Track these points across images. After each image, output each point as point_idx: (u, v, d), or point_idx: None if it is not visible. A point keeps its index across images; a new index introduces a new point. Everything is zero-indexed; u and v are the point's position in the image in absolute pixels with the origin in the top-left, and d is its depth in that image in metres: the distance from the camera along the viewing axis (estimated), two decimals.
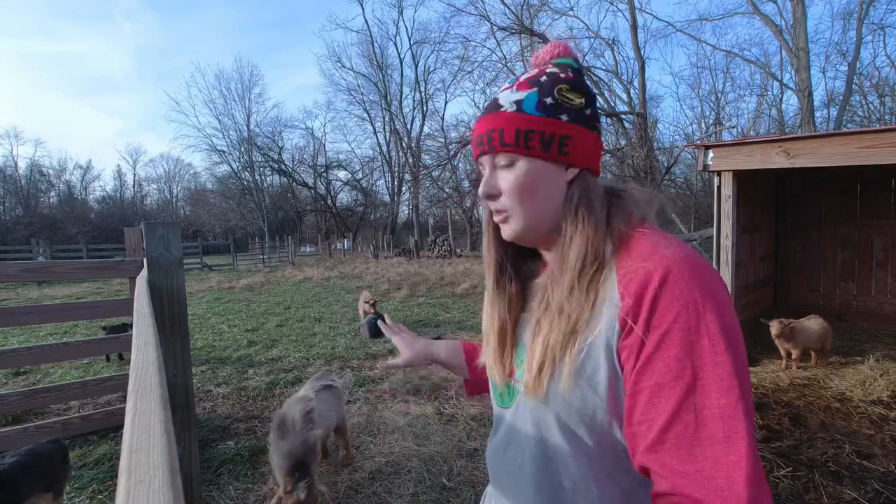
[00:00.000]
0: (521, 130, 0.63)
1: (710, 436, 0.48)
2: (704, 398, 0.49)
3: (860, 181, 5.62)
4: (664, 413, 0.50)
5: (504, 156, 0.65)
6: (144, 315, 1.24)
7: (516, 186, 0.65)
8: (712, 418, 0.48)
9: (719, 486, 0.46)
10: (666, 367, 0.51)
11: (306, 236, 42.53)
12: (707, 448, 0.48)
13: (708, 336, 0.50)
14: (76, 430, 3.03)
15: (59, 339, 6.15)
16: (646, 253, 0.56)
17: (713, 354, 0.49)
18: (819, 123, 18.62)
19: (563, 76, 0.65)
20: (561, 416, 0.61)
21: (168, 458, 0.42)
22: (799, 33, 12.64)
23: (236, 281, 13.28)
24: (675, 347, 0.51)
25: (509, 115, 0.64)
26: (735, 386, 0.49)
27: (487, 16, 18.13)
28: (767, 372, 4.01)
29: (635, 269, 0.55)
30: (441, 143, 28.82)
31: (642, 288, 0.53)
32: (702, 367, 0.49)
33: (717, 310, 0.51)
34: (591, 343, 0.57)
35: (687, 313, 0.51)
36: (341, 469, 2.65)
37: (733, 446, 0.47)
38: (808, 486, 2.34)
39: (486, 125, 0.66)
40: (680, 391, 0.50)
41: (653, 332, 0.52)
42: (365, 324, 5.95)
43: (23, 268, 2.58)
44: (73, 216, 37.66)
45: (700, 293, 0.51)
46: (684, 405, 0.49)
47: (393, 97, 35.13)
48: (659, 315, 0.52)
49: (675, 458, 0.49)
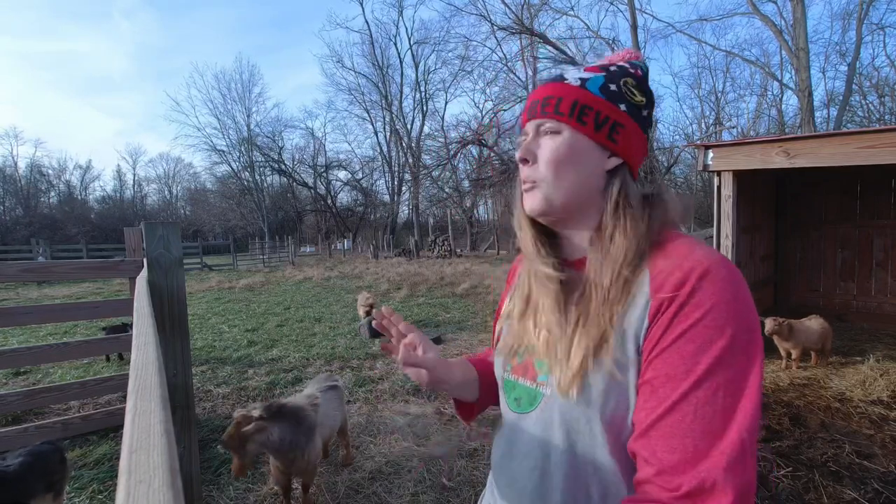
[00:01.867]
0: (578, 103, 0.63)
1: (707, 431, 0.48)
2: (709, 394, 0.49)
3: (860, 181, 5.62)
4: (665, 401, 0.51)
5: (553, 122, 0.64)
6: (144, 315, 1.24)
7: (556, 155, 0.64)
8: (713, 415, 0.48)
9: (699, 479, 0.46)
10: (680, 360, 0.51)
11: (306, 236, 42.52)
12: (700, 441, 0.48)
13: (729, 337, 0.50)
14: (76, 430, 3.03)
15: (59, 339, 6.15)
16: (683, 254, 0.56)
17: (731, 355, 0.49)
18: (819, 123, 18.62)
19: (632, 72, 0.66)
20: (595, 417, 0.58)
21: (168, 458, 0.42)
22: (799, 33, 12.64)
23: (236, 281, 13.28)
24: (695, 342, 0.51)
25: (572, 87, 0.64)
26: (744, 389, 0.49)
27: (488, 15, 18.15)
28: (767, 372, 4.01)
29: (672, 268, 0.55)
30: (441, 143, 28.83)
31: (680, 283, 0.53)
32: (715, 365, 0.49)
33: (744, 314, 0.51)
34: (624, 341, 0.56)
35: (716, 311, 0.51)
36: (341, 469, 2.65)
37: (727, 445, 0.47)
38: (808, 486, 2.34)
39: (544, 92, 0.66)
40: (687, 384, 0.50)
41: (676, 326, 0.52)
42: (365, 324, 5.95)
43: (23, 268, 2.58)
44: (73, 216, 37.66)
45: (733, 295, 0.52)
46: (687, 397, 0.49)
47: (393, 97, 35.15)
48: (688, 310, 0.52)
49: (665, 447, 0.50)
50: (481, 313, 7.35)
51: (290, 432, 2.04)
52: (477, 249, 26.82)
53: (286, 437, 2.02)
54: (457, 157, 24.28)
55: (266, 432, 1.96)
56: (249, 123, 38.13)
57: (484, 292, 9.31)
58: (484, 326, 6.37)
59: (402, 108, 35.27)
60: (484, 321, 6.72)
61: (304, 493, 2.26)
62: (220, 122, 37.99)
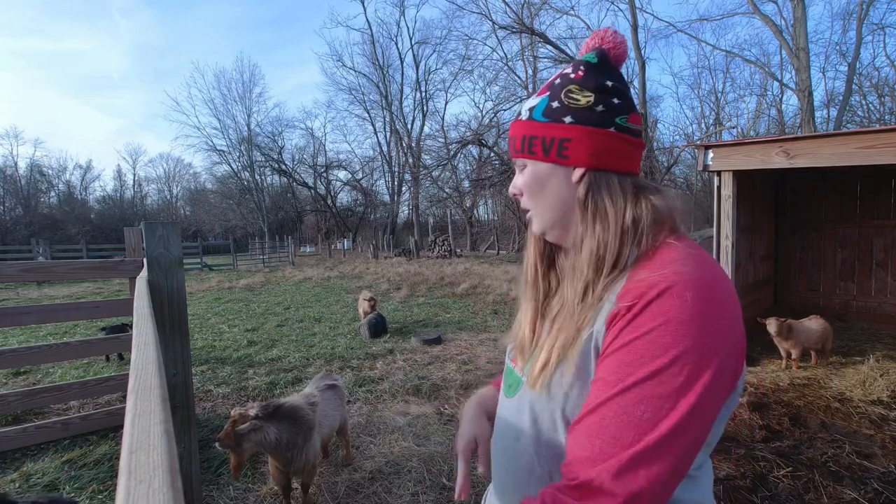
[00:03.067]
0: (526, 137, 0.69)
1: (616, 437, 0.49)
2: (630, 404, 0.50)
3: (860, 181, 5.62)
4: (593, 402, 0.53)
5: (519, 159, 0.72)
6: (144, 315, 1.24)
7: (526, 188, 0.71)
8: (626, 424, 0.49)
9: (590, 477, 0.49)
10: (617, 367, 0.52)
11: (306, 236, 42.51)
12: (606, 444, 0.50)
13: (672, 356, 0.49)
14: (76, 430, 3.03)
15: (59, 339, 6.15)
16: (662, 265, 0.55)
17: (667, 375, 0.49)
18: (819, 123, 18.62)
19: (573, 76, 0.67)
20: (557, 411, 0.62)
21: (168, 458, 0.42)
22: (799, 33, 12.65)
23: (236, 281, 13.28)
24: (634, 354, 0.51)
25: (522, 123, 0.71)
26: (670, 410, 0.48)
27: (489, 14, 18.16)
28: (767, 372, 4.01)
29: (643, 279, 0.55)
30: (441, 143, 28.82)
31: (638, 297, 0.53)
32: (647, 379, 0.49)
33: (700, 336, 0.49)
34: (586, 343, 0.59)
35: (666, 328, 0.50)
36: (341, 469, 2.65)
37: (629, 455, 0.48)
38: (808, 486, 2.34)
39: (510, 132, 0.74)
40: (615, 390, 0.51)
41: (624, 335, 0.53)
42: (365, 324, 5.95)
43: (23, 268, 2.58)
44: (73, 216, 37.66)
45: (691, 315, 0.50)
46: (609, 402, 0.51)
47: (393, 97, 35.13)
48: (639, 322, 0.52)
49: (578, 442, 0.53)
50: (481, 313, 7.35)
51: (287, 432, 2.04)
52: (477, 249, 26.81)
53: (283, 437, 2.02)
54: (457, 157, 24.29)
55: (262, 432, 1.97)
56: (250, 123, 38.17)
57: (484, 292, 9.31)
58: (484, 326, 6.37)
59: (402, 108, 35.28)
60: (484, 321, 6.72)
61: (304, 493, 2.26)
62: (221, 122, 38.03)
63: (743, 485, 2.35)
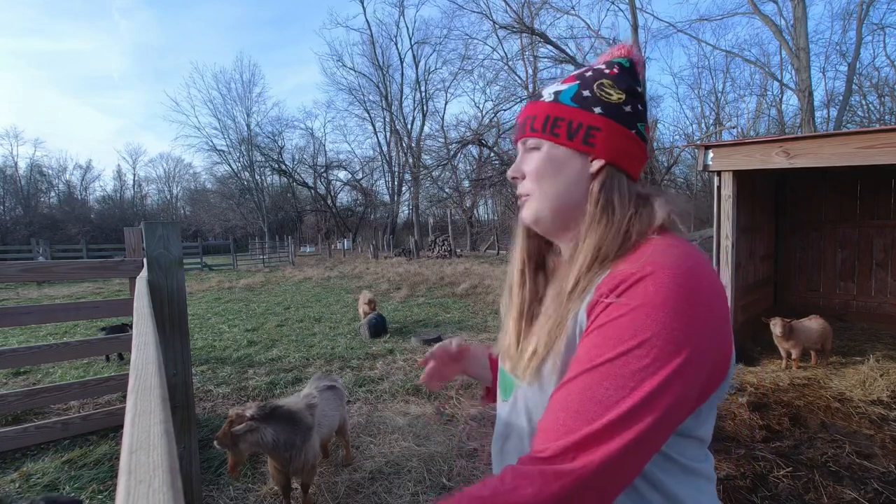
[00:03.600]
0: (550, 117, 0.67)
1: (579, 412, 0.51)
2: (595, 381, 0.51)
3: (860, 181, 5.62)
4: (563, 380, 0.55)
5: (533, 140, 0.69)
6: (144, 315, 1.24)
7: (537, 169, 0.68)
8: (590, 399, 0.51)
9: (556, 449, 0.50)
10: (590, 347, 0.54)
11: (306, 236, 42.51)
12: (570, 419, 0.51)
13: (641, 340, 0.50)
14: (76, 430, 3.03)
15: (59, 339, 6.15)
16: (642, 257, 0.56)
17: (635, 357, 0.50)
18: (819, 123, 18.62)
19: (607, 72, 0.68)
20: (537, 402, 0.63)
21: (168, 458, 0.42)
22: (799, 33, 12.65)
23: (236, 281, 13.28)
24: (605, 335, 0.53)
25: (545, 104, 0.69)
26: (634, 390, 0.49)
27: (489, 13, 18.16)
28: (767, 372, 4.01)
29: (623, 269, 0.56)
30: (441, 143, 28.82)
31: (616, 285, 0.55)
32: (614, 359, 0.51)
33: (672, 322, 0.50)
34: (571, 333, 0.60)
35: (638, 313, 0.51)
36: (341, 469, 2.65)
37: (592, 429, 0.49)
38: (808, 486, 2.34)
39: (524, 113, 0.72)
40: (583, 367, 0.53)
41: (599, 319, 0.55)
42: (365, 324, 5.95)
43: (23, 268, 2.58)
44: (73, 216, 37.66)
45: (663, 301, 0.51)
46: (577, 379, 0.53)
47: (393, 97, 35.10)
48: (614, 307, 0.54)
49: (548, 416, 0.55)
50: (481, 313, 7.35)
51: (284, 433, 2.05)
52: (477, 249, 26.80)
53: (280, 438, 2.02)
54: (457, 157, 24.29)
55: (258, 433, 1.97)
56: (249, 123, 38.15)
57: (484, 292, 9.31)
58: (484, 326, 6.37)
59: (402, 108, 35.26)
60: (484, 321, 6.72)
61: (304, 493, 2.26)
62: (220, 122, 38.01)
63: (743, 485, 2.35)
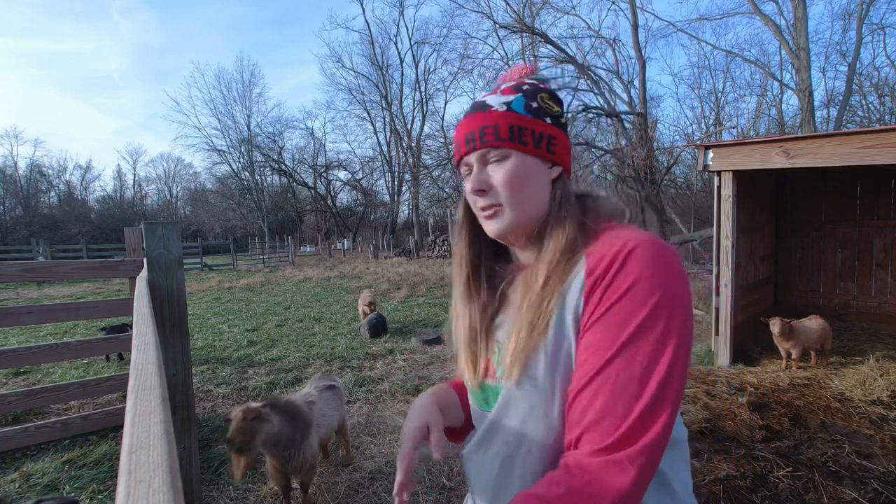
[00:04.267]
0: (514, 127, 0.67)
1: (625, 392, 0.53)
2: (629, 361, 0.54)
3: (860, 181, 5.62)
4: (593, 369, 0.55)
5: (497, 151, 0.68)
6: (144, 315, 1.24)
7: (510, 179, 0.67)
8: (630, 379, 0.53)
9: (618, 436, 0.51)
10: (606, 330, 0.56)
11: (306, 236, 42.50)
12: (619, 403, 0.53)
13: (650, 307, 0.54)
14: (76, 430, 3.03)
15: (59, 339, 6.15)
16: (614, 237, 0.61)
17: (651, 324, 0.54)
18: (819, 123, 18.61)
19: (542, 86, 0.72)
20: (542, 396, 0.62)
21: (168, 458, 0.42)
22: (799, 33, 12.65)
23: (236, 281, 13.28)
24: (619, 314, 0.55)
25: (501, 113, 0.68)
26: (661, 354, 0.53)
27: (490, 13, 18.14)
28: (767, 372, 4.01)
29: (605, 250, 0.59)
30: (441, 143, 28.81)
31: (610, 263, 0.58)
32: (636, 334, 0.54)
33: (667, 286, 0.55)
34: (563, 322, 0.61)
35: (640, 285, 0.55)
36: (341, 469, 2.65)
37: (641, 405, 0.52)
38: (808, 486, 2.34)
39: (476, 123, 0.69)
40: (611, 352, 0.54)
41: (605, 301, 0.57)
42: (365, 324, 5.95)
43: (23, 268, 2.58)
44: (73, 216, 37.66)
45: (655, 269, 0.56)
46: (611, 364, 0.54)
47: (393, 97, 35.08)
48: (616, 285, 0.56)
49: (591, 408, 0.54)
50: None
51: (287, 427, 2.05)
52: None
53: (283, 432, 2.02)
54: None
55: (269, 421, 1.97)
56: (250, 123, 38.14)
57: None
58: None
59: (402, 108, 35.24)
60: None
61: (304, 493, 2.26)
62: (221, 123, 38.01)
63: (743, 485, 2.35)
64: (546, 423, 0.62)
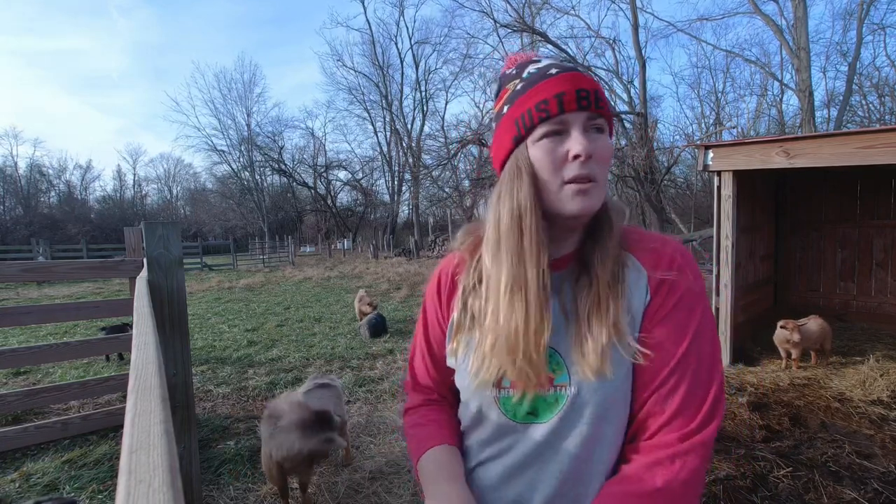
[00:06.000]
0: (605, 102, 0.64)
1: (703, 380, 0.62)
2: (700, 351, 0.62)
3: (860, 181, 5.62)
4: (671, 360, 0.62)
5: (603, 120, 0.63)
6: (144, 315, 1.24)
7: (608, 154, 0.63)
8: (700, 367, 0.62)
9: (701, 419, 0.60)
10: (677, 325, 0.63)
11: (306, 236, 42.50)
12: (698, 388, 0.61)
13: (703, 303, 0.65)
14: (76, 430, 3.03)
15: (59, 339, 6.15)
16: (655, 239, 0.69)
17: (705, 317, 0.64)
18: (819, 123, 18.62)
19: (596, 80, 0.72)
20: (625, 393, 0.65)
21: (168, 458, 0.42)
22: (800, 33, 12.65)
23: (236, 281, 13.28)
24: (684, 311, 0.64)
25: (599, 84, 0.64)
26: (716, 337, 0.65)
27: (490, 12, 18.15)
28: (767, 372, 4.01)
29: (659, 251, 0.67)
30: (441, 143, 28.79)
31: (671, 263, 0.65)
32: (700, 324, 0.63)
33: (703, 286, 0.67)
34: (630, 317, 0.65)
35: (694, 285, 0.65)
36: (341, 469, 2.65)
37: (715, 388, 0.62)
38: (808, 486, 2.34)
39: (588, 82, 0.61)
40: (684, 345, 0.62)
41: (671, 298, 0.64)
42: (365, 324, 5.94)
43: (23, 268, 2.58)
44: (73, 216, 37.66)
45: (697, 271, 0.67)
46: (686, 355, 0.61)
47: (394, 97, 35.09)
48: (680, 284, 0.64)
49: (674, 396, 0.61)
50: None
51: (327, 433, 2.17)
52: None
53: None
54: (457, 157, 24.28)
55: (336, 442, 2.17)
56: (250, 123, 38.13)
57: None
58: None
59: (402, 108, 35.25)
60: None
61: (303, 493, 2.26)
62: (221, 123, 38.01)
63: (743, 485, 2.35)
64: (619, 420, 0.66)
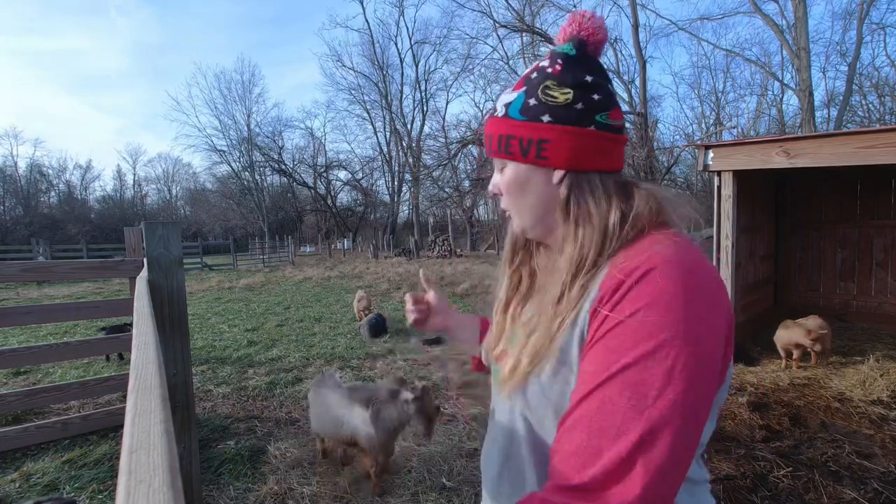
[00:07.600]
0: (503, 136, 0.65)
1: (603, 429, 0.46)
2: (614, 394, 0.47)
3: (860, 181, 5.62)
4: (579, 395, 0.50)
5: (496, 160, 0.69)
6: (144, 315, 1.24)
7: (507, 187, 0.68)
8: (613, 412, 0.46)
9: (588, 478, 0.45)
10: (602, 354, 0.50)
11: (306, 236, 42.50)
12: (594, 438, 0.46)
13: (657, 341, 0.46)
14: (76, 429, 3.03)
15: (59, 339, 6.15)
16: (640, 251, 0.54)
17: (651, 360, 0.46)
18: (819, 123, 18.62)
19: (550, 71, 0.63)
20: (535, 410, 0.62)
21: (168, 458, 0.42)
22: (800, 33, 12.66)
23: (236, 281, 13.28)
24: (617, 339, 0.49)
25: (498, 120, 0.67)
26: (656, 398, 0.45)
27: (490, 12, 18.15)
28: (767, 372, 4.01)
29: (624, 265, 0.53)
30: (441, 142, 28.81)
31: (620, 281, 0.51)
32: (630, 366, 0.47)
33: (685, 319, 0.47)
34: (567, 339, 0.57)
35: (648, 311, 0.48)
36: (341, 469, 2.65)
37: (618, 449, 0.44)
38: (808, 486, 2.34)
39: (487, 128, 0.70)
40: (598, 380, 0.48)
41: (608, 322, 0.50)
42: (365, 324, 5.94)
43: (23, 268, 2.58)
44: (73, 216, 37.66)
45: (673, 297, 0.48)
46: (594, 393, 0.48)
47: (393, 97, 35.10)
48: (621, 308, 0.50)
49: (567, 438, 0.49)
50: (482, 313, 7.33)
51: None
52: (477, 249, 26.80)
53: None
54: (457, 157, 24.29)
55: None
56: (250, 123, 38.12)
57: (484, 292, 9.30)
58: None
59: (402, 108, 35.25)
60: None
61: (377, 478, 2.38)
62: (221, 123, 37.99)
63: (743, 485, 2.35)
64: (541, 434, 0.62)
